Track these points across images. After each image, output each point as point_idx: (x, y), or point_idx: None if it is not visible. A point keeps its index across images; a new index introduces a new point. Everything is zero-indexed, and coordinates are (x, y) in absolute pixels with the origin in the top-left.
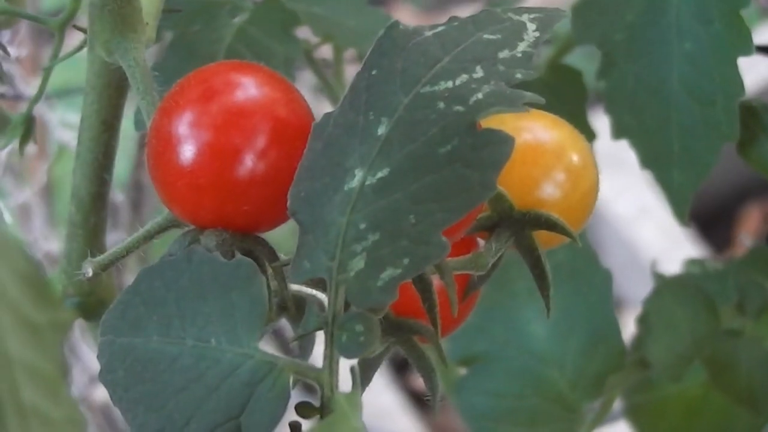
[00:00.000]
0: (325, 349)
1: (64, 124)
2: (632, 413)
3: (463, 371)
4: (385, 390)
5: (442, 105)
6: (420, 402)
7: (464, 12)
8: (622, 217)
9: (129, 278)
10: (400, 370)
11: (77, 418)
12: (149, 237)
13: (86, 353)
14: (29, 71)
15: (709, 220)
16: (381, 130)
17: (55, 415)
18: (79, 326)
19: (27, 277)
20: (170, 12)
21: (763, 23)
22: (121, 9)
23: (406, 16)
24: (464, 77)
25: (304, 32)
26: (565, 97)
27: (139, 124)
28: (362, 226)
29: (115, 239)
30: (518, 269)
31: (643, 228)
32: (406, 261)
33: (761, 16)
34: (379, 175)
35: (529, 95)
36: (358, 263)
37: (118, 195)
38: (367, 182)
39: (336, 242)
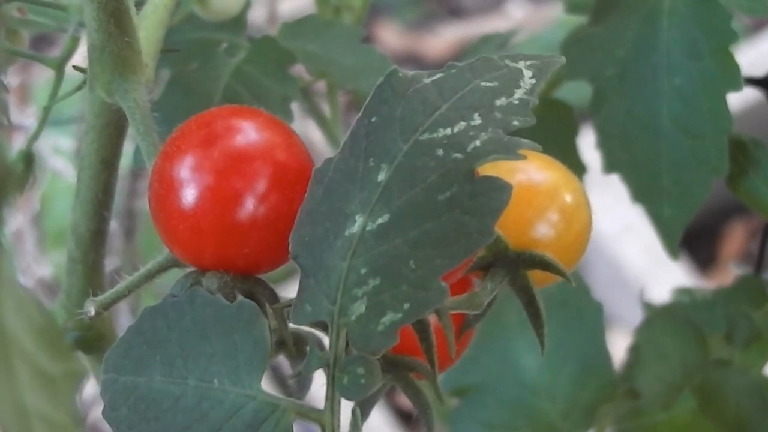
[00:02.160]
0: (327, 390)
1: (57, 151)
2: None
3: (456, 402)
4: (374, 409)
5: (440, 152)
6: (407, 420)
7: (448, 29)
8: (607, 234)
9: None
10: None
11: None
12: (150, 276)
13: None
14: (20, 99)
15: (694, 237)
16: (381, 177)
17: None
18: None
19: (41, 330)
20: (168, 52)
21: (749, 40)
22: (121, 51)
23: (391, 34)
24: (462, 125)
25: (298, 68)
26: (555, 131)
27: (137, 162)
28: (363, 271)
29: (108, 266)
30: (510, 302)
31: (628, 245)
32: (406, 306)
33: (747, 34)
34: (380, 221)
35: (525, 142)
36: (359, 307)
37: (111, 223)
38: (368, 228)
39: (337, 286)
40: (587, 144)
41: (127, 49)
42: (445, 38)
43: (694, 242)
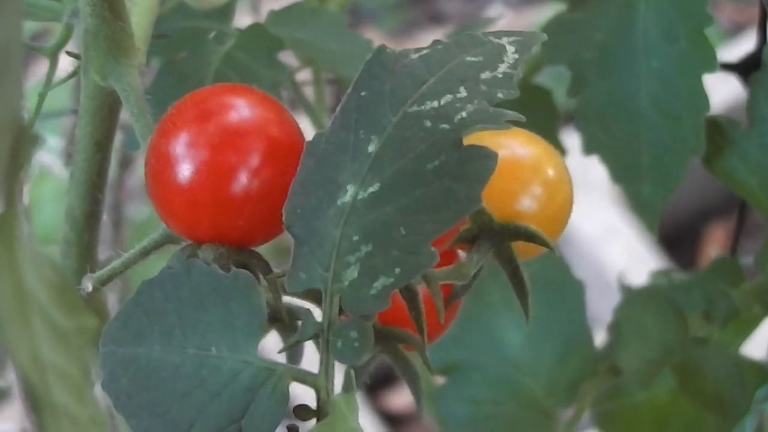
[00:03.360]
0: (321, 355)
1: (45, 148)
2: (602, 421)
3: (441, 380)
4: (360, 413)
5: (428, 123)
6: (392, 422)
7: (430, 36)
8: (589, 236)
9: None
10: (372, 390)
11: (100, 419)
12: (146, 253)
13: None
14: None
15: (674, 238)
16: (371, 148)
17: (81, 415)
18: None
19: (55, 287)
20: (158, 38)
21: (726, 44)
22: (114, 35)
23: (373, 41)
24: (449, 97)
25: (284, 56)
26: (536, 116)
27: (130, 144)
28: (355, 238)
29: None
30: (493, 281)
31: (610, 247)
32: (397, 270)
33: (724, 37)
34: (371, 189)
35: (510, 113)
36: (352, 273)
37: None
38: (359, 197)
39: (330, 254)
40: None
41: (120, 33)
42: (426, 45)
43: (675, 244)
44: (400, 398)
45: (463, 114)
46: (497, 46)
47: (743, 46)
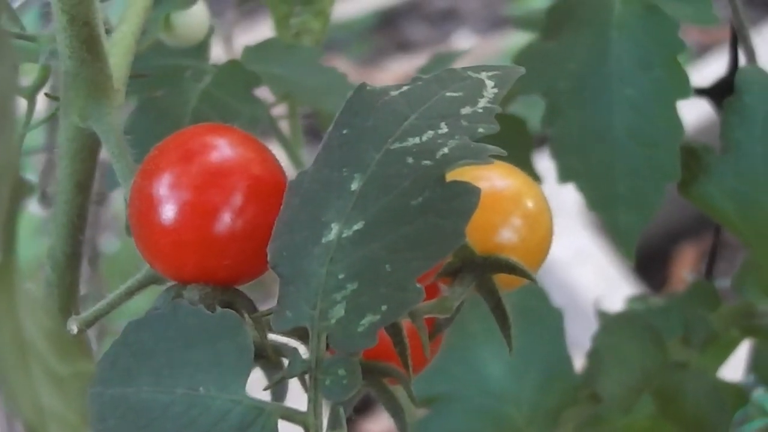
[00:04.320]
0: (309, 393)
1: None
2: None
3: (423, 412)
4: None
5: (411, 160)
6: None
7: (398, 64)
8: (560, 260)
9: None
10: (352, 415)
11: None
12: (131, 293)
13: None
14: None
15: (645, 261)
16: (355, 186)
17: None
18: None
19: (50, 332)
20: (137, 77)
21: (693, 65)
22: (94, 76)
23: (342, 69)
24: (431, 133)
25: (258, 90)
26: (511, 146)
27: (110, 185)
28: (341, 276)
29: None
30: (474, 312)
31: (581, 271)
32: (384, 307)
33: (690, 59)
34: (355, 227)
35: (492, 148)
36: (339, 311)
37: None
38: (344, 234)
39: (316, 292)
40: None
41: (99, 74)
42: (394, 72)
43: (646, 266)
44: (377, 425)
45: (445, 150)
46: (476, 81)
47: (711, 67)
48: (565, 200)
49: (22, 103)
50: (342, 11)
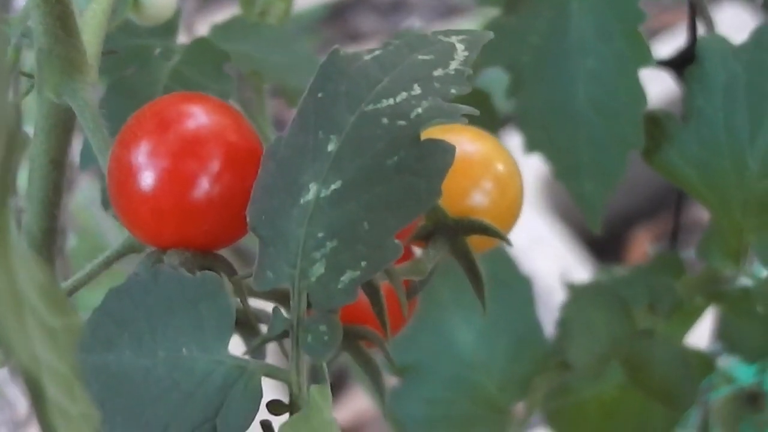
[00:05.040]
0: (291, 350)
1: None
2: (552, 419)
3: (396, 381)
4: None
5: (386, 121)
6: None
7: None
8: (517, 247)
9: None
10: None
11: (91, 415)
12: (109, 263)
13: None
14: None
15: (600, 245)
16: (331, 147)
17: (72, 411)
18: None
19: (42, 286)
20: (108, 53)
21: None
22: (68, 53)
23: None
24: (404, 95)
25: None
26: (476, 119)
27: (84, 161)
28: (320, 234)
29: None
30: (444, 281)
31: (537, 257)
32: (363, 264)
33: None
34: (333, 187)
35: (465, 108)
36: (319, 269)
37: None
38: (322, 194)
39: (296, 252)
40: None
41: (73, 50)
42: None
43: (601, 250)
44: (343, 411)
45: (419, 110)
46: (447, 44)
47: (661, 50)
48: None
49: None
50: (294, 3)
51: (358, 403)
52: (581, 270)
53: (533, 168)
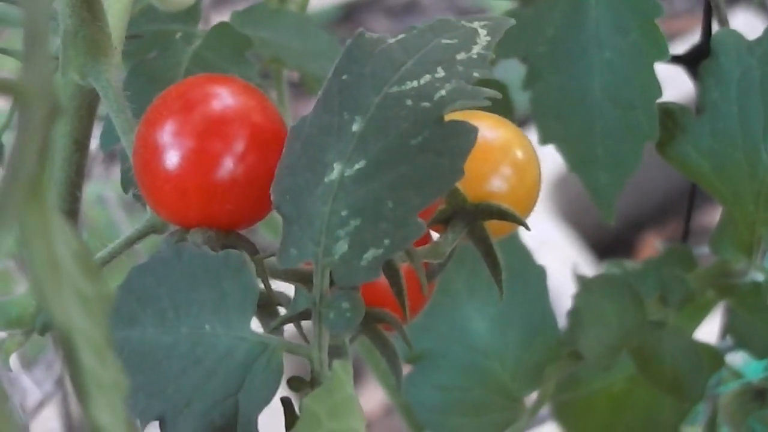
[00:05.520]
0: (314, 327)
1: None
2: (560, 411)
3: (409, 368)
4: None
5: (410, 102)
6: None
7: None
8: None
9: None
10: None
11: (122, 382)
12: (130, 243)
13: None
14: None
15: (609, 249)
16: (355, 128)
17: (105, 378)
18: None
19: (77, 254)
20: (132, 37)
21: None
22: (93, 35)
23: None
24: (428, 77)
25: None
26: (493, 109)
27: (105, 142)
28: (344, 213)
29: None
30: (457, 271)
31: (545, 259)
32: (386, 241)
33: None
34: (357, 167)
35: (488, 91)
36: (342, 246)
37: None
38: (346, 174)
39: (320, 229)
40: None
41: (98, 32)
42: None
43: (610, 254)
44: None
45: (443, 92)
46: (470, 29)
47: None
48: None
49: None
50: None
51: (366, 402)
52: (590, 273)
53: (543, 171)
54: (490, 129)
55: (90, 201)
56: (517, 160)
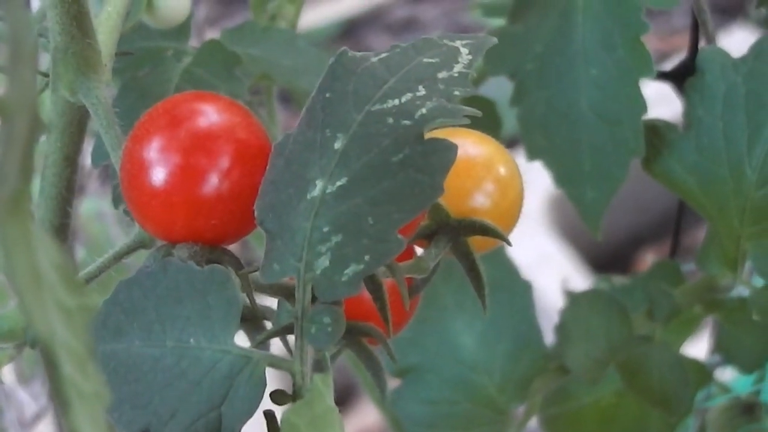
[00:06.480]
0: (296, 341)
1: None
2: (548, 425)
3: (397, 383)
4: None
5: (391, 120)
6: None
7: None
8: (523, 264)
9: None
10: None
11: (103, 393)
12: (119, 257)
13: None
14: None
15: (606, 265)
16: (338, 145)
17: (86, 388)
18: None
19: (59, 267)
20: (122, 54)
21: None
22: (83, 51)
23: None
24: (409, 95)
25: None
26: (480, 126)
27: (96, 159)
28: (325, 229)
29: None
30: (445, 286)
31: (543, 274)
32: (367, 257)
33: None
34: (339, 183)
35: (468, 109)
36: (324, 262)
37: None
38: (328, 190)
39: (302, 245)
40: None
41: (88, 49)
42: None
43: (607, 270)
44: (350, 427)
45: (424, 110)
46: (452, 48)
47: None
48: (528, 204)
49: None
50: (306, 20)
51: (365, 418)
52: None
53: (540, 188)
54: (473, 145)
55: (89, 217)
56: (499, 176)
